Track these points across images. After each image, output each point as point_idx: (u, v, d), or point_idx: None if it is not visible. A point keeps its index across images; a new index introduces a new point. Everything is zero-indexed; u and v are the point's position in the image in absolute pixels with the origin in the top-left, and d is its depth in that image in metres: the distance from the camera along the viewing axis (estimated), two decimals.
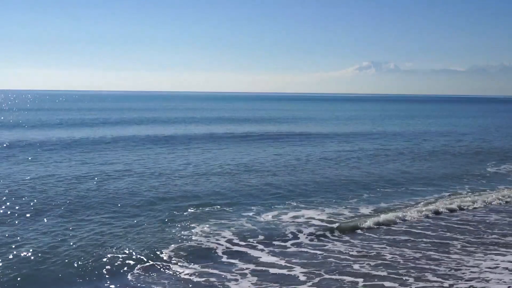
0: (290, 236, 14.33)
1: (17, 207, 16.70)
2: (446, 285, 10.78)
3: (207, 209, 17.10)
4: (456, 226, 15.55)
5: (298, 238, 14.18)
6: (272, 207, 17.61)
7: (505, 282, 10.85)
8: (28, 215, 15.86)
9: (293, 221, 15.82)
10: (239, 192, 19.82)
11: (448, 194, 20.36)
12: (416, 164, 28.46)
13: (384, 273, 11.39)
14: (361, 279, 11.09)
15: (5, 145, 33.19)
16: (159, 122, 60.83)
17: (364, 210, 17.52)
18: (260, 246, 13.41)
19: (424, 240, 14.06)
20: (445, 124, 64.94)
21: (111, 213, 16.35)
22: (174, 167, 25.46)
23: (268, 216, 16.41)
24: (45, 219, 15.45)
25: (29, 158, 27.52)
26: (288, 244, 13.69)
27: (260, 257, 12.58)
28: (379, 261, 12.28)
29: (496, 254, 12.70)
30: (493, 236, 14.43)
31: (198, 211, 16.82)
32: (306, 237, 14.24)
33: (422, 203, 18.35)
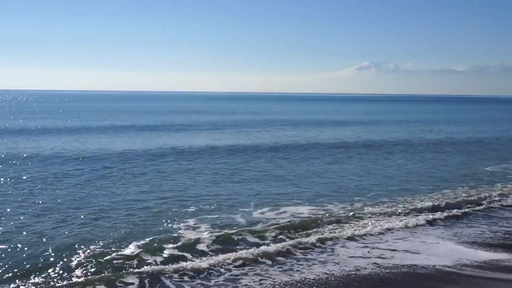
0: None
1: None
2: None
3: (201, 207, 17.02)
4: None
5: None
6: (263, 205, 17.56)
7: None
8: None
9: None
10: (234, 192, 19.74)
11: (445, 191, 20.33)
12: (415, 162, 28.48)
13: None
14: None
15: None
16: (158, 123, 60.77)
17: (358, 205, 17.53)
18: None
19: None
20: (445, 124, 64.92)
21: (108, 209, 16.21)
22: (173, 165, 25.54)
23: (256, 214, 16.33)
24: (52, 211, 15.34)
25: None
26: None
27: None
28: None
29: None
30: None
31: (192, 209, 16.74)
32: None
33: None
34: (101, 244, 12.86)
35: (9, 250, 12.32)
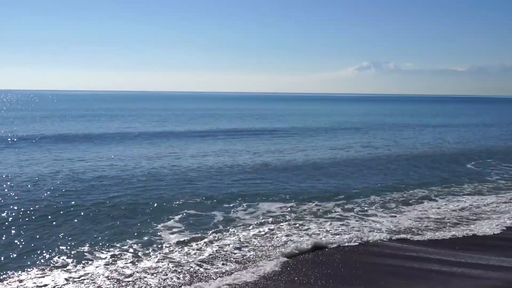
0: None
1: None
2: None
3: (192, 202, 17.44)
4: None
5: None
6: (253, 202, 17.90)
7: None
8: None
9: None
10: (226, 188, 20.17)
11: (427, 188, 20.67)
12: (400, 162, 28.96)
13: None
14: None
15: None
16: (156, 122, 61.03)
17: (344, 204, 17.83)
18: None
19: None
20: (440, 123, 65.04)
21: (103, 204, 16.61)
22: (173, 162, 25.90)
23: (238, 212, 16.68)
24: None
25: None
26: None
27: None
28: None
29: None
30: None
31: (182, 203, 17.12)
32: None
33: None
34: (84, 240, 13.23)
35: None
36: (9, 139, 36.00)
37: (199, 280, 10.83)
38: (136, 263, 11.76)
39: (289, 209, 17.01)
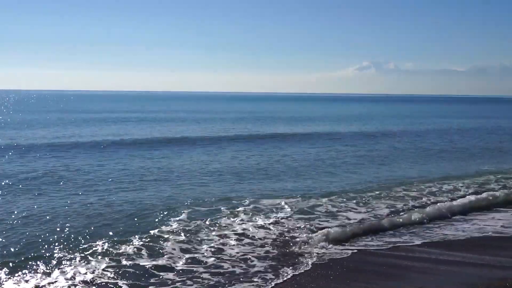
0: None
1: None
2: None
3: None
4: None
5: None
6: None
7: None
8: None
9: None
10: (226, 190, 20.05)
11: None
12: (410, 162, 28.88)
13: None
14: None
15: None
16: (154, 122, 61.17)
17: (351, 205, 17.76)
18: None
19: None
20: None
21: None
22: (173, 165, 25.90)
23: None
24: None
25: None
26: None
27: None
28: None
29: None
30: None
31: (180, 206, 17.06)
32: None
33: None
34: (95, 238, 13.20)
35: None
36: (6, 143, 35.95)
37: (240, 281, 10.65)
38: (154, 262, 11.66)
39: (296, 205, 16.95)
